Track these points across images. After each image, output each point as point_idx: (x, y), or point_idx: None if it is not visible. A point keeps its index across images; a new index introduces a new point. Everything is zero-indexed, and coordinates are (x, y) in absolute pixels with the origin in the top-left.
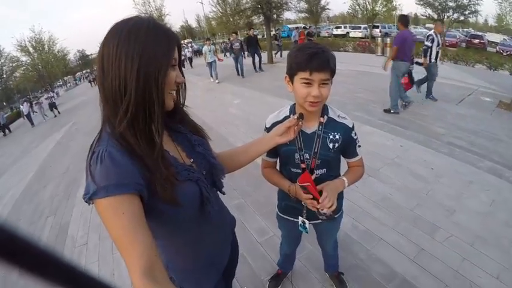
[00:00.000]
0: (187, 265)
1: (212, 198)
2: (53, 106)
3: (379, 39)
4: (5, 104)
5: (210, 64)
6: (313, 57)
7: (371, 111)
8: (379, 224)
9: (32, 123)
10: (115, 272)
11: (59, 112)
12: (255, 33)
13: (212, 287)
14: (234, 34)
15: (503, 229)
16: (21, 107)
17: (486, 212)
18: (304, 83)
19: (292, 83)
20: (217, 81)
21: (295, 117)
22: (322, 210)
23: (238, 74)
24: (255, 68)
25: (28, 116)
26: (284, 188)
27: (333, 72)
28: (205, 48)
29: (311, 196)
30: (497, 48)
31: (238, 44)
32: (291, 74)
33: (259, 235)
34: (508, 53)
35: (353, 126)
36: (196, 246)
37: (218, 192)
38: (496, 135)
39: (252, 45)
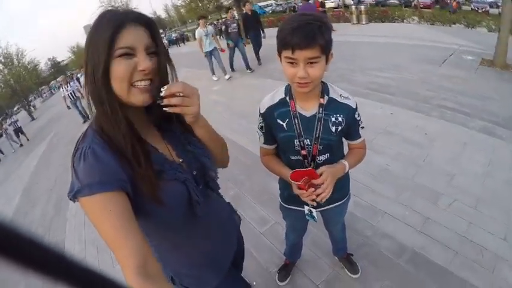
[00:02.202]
0: (181, 266)
1: (201, 200)
2: (19, 131)
3: (353, 7)
4: None
5: (209, 54)
6: (295, 32)
7: (353, 80)
8: (381, 198)
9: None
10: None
11: (27, 139)
12: (253, 8)
13: (214, 286)
14: (229, 11)
15: (503, 188)
16: None
17: (485, 173)
18: (289, 62)
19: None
20: (228, 76)
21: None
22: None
23: (232, 69)
24: (258, 59)
25: None
26: (285, 177)
27: (323, 48)
28: (199, 32)
29: (304, 191)
30: (472, 6)
31: (235, 25)
32: (278, 51)
33: (260, 225)
34: (483, 9)
35: (356, 107)
36: (188, 247)
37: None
38: (483, 93)
39: (252, 26)
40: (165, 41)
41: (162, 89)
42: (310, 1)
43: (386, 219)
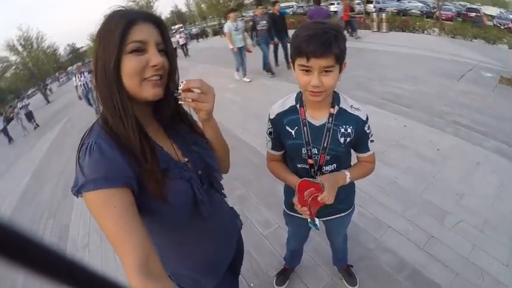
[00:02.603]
0: (182, 267)
1: (206, 199)
2: (30, 116)
3: (374, 14)
4: None
5: (238, 50)
6: (311, 40)
7: (370, 89)
8: (386, 211)
9: (10, 139)
10: (118, 274)
11: (37, 124)
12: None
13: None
14: (259, 7)
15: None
16: None
17: (495, 195)
18: (303, 70)
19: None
20: (247, 79)
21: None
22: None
23: (270, 72)
24: (276, 61)
25: (4, 131)
26: (291, 185)
27: (338, 58)
28: (228, 26)
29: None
30: (494, 21)
31: (265, 22)
32: (292, 58)
33: (264, 228)
34: (506, 26)
35: (367, 119)
36: (192, 247)
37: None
38: (500, 112)
39: (279, 28)
40: (183, 35)
41: (181, 82)
42: (339, 7)
43: (389, 233)
